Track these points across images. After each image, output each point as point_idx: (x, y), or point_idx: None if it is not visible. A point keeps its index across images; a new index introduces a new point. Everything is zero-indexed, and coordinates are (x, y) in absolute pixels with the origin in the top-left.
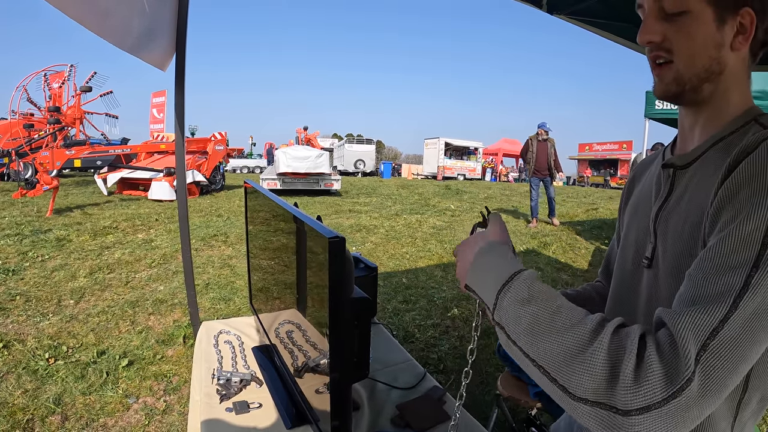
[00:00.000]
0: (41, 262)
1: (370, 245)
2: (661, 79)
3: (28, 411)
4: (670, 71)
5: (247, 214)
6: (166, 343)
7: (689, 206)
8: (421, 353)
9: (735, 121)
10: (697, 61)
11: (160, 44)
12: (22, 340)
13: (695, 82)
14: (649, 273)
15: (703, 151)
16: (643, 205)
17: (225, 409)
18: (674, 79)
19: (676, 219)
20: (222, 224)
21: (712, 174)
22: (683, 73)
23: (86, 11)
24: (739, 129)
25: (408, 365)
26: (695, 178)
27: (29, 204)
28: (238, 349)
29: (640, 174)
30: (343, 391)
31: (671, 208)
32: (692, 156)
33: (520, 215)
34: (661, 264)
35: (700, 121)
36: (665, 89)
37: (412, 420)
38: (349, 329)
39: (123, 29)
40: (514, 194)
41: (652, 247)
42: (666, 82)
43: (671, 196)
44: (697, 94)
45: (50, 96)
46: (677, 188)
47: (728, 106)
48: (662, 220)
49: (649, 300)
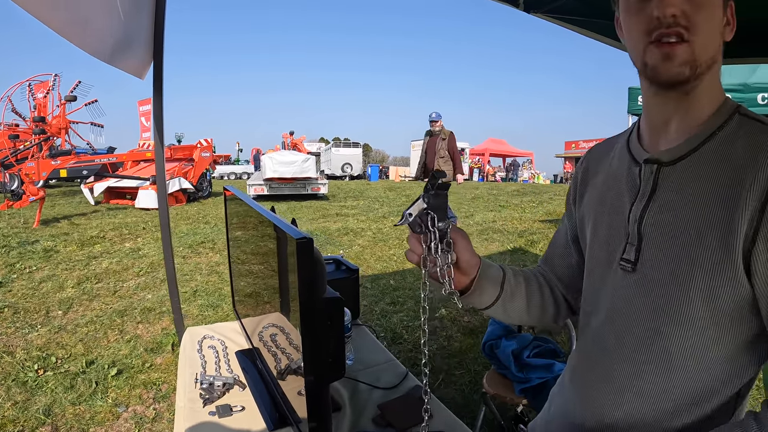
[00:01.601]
0: (29, 274)
1: (357, 248)
2: (671, 58)
3: (18, 423)
4: (684, 51)
5: (228, 220)
6: (155, 351)
7: (693, 208)
8: (409, 354)
9: (719, 114)
10: (710, 44)
11: (136, 52)
12: (11, 352)
13: (703, 68)
14: (630, 277)
15: (694, 146)
16: (613, 201)
17: (208, 413)
18: (688, 60)
19: (669, 221)
20: (209, 231)
21: (720, 172)
22: (699, 54)
23: (67, 23)
24: (725, 122)
25: (390, 365)
26: (692, 175)
27: (16, 215)
28: (222, 354)
29: (595, 164)
30: (319, 391)
31: (661, 208)
32: (680, 151)
33: (507, 215)
34: (650, 270)
35: (678, 114)
36: (678, 71)
37: (394, 419)
38: (322, 329)
39: (100, 39)
40: (501, 194)
41: (635, 249)
42: (679, 63)
43: (656, 195)
44: (697, 82)
45: (35, 106)
46: (664, 186)
47: (710, 98)
48: (650, 222)
49: (627, 303)
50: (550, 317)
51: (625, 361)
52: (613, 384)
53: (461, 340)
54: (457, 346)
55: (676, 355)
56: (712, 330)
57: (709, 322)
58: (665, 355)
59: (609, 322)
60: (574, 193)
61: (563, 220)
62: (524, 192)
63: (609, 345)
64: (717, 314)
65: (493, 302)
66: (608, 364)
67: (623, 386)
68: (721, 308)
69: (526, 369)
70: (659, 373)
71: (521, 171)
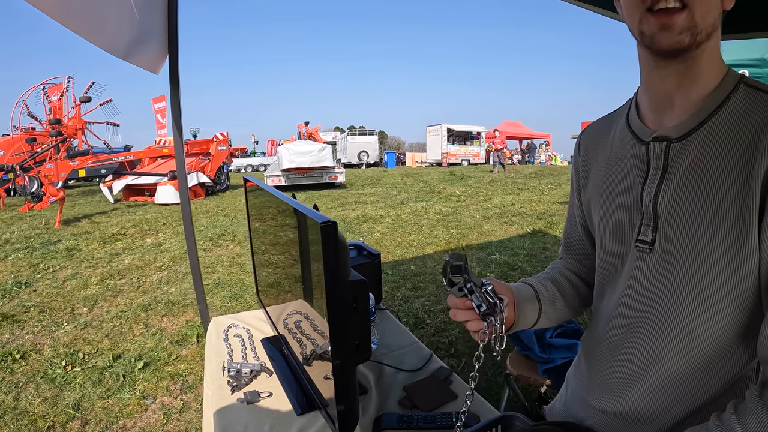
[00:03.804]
0: (53, 273)
1: (377, 235)
2: (670, 28)
3: (48, 418)
4: (683, 19)
5: (249, 209)
6: (180, 344)
7: (708, 184)
8: (432, 338)
9: (723, 85)
10: (711, 11)
11: (151, 48)
12: (39, 350)
13: (704, 36)
14: (648, 258)
15: (702, 120)
16: (621, 184)
17: (237, 400)
18: (689, 27)
19: (686, 198)
20: (229, 223)
21: (732, 145)
22: (699, 21)
23: (84, 23)
24: (731, 93)
25: (414, 348)
26: (704, 150)
27: (37, 217)
28: (248, 342)
29: (594, 147)
30: (346, 374)
31: (677, 186)
32: (689, 126)
33: (526, 198)
34: (669, 249)
35: (682, 87)
36: (678, 40)
37: (419, 401)
38: (347, 312)
39: (116, 37)
40: (519, 176)
41: (651, 229)
42: (679, 31)
43: (668, 173)
44: (699, 51)
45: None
46: (676, 163)
47: (713, 69)
48: (665, 201)
49: (646, 284)
50: (589, 302)
51: (645, 343)
52: (632, 366)
53: None
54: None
55: (698, 335)
56: (733, 308)
57: (731, 301)
58: (686, 336)
59: (627, 305)
60: (578, 181)
61: (570, 211)
62: (542, 174)
63: (627, 327)
64: (739, 293)
65: (537, 319)
66: (627, 347)
67: (642, 368)
68: (742, 286)
69: (549, 349)
70: (680, 355)
71: (538, 153)
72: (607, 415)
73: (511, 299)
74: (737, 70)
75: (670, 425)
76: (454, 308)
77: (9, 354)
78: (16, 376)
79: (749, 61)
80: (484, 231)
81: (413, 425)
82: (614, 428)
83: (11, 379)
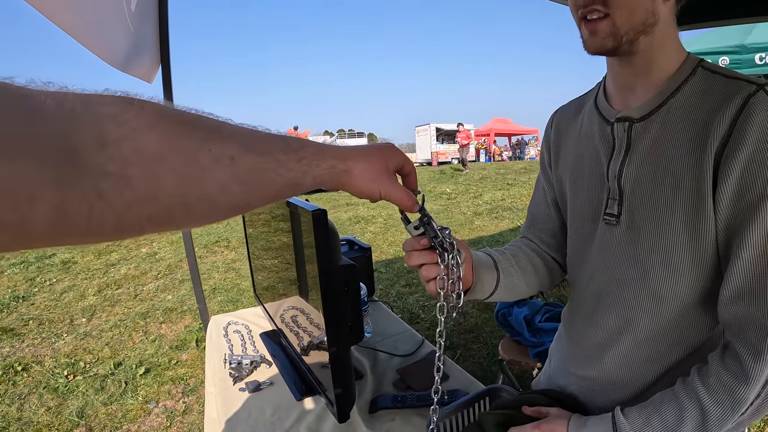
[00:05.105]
0: (50, 286)
1: (369, 235)
2: (596, 34)
3: (53, 427)
4: (606, 25)
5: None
6: (180, 348)
7: (667, 159)
8: (427, 332)
9: (682, 69)
10: (635, 15)
11: (145, 59)
12: (40, 361)
13: (632, 35)
14: (615, 230)
15: (662, 101)
16: (590, 161)
17: (238, 390)
18: (611, 33)
19: (648, 173)
20: (222, 230)
21: (689, 123)
22: (620, 26)
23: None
24: (689, 76)
25: (407, 335)
26: (663, 128)
27: None
28: (247, 337)
29: (565, 126)
30: (341, 355)
31: (638, 162)
32: (650, 107)
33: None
34: (634, 220)
35: (639, 73)
36: (601, 44)
37: (413, 382)
38: (339, 295)
39: (116, 49)
40: (509, 172)
41: (617, 203)
42: (602, 37)
43: (631, 150)
44: (633, 46)
45: None
46: (638, 141)
47: (667, 55)
48: (629, 177)
49: (615, 254)
50: (547, 282)
51: (616, 309)
52: (605, 332)
53: (477, 315)
54: (473, 322)
55: (665, 299)
56: (696, 272)
57: (694, 265)
58: (655, 300)
59: (599, 274)
60: (548, 157)
61: (538, 188)
62: (531, 169)
63: (599, 295)
64: (700, 256)
65: (494, 288)
66: (600, 313)
67: (616, 333)
68: (701, 250)
69: (538, 333)
70: (649, 319)
71: (527, 149)
72: (586, 381)
73: (469, 257)
74: (717, 57)
75: (641, 389)
76: (409, 251)
77: (10, 366)
78: (19, 387)
79: (728, 48)
80: (476, 227)
81: (407, 404)
82: (593, 393)
83: (14, 390)
